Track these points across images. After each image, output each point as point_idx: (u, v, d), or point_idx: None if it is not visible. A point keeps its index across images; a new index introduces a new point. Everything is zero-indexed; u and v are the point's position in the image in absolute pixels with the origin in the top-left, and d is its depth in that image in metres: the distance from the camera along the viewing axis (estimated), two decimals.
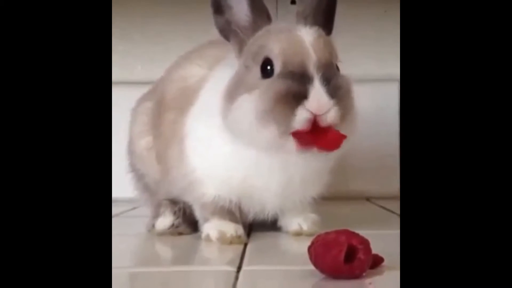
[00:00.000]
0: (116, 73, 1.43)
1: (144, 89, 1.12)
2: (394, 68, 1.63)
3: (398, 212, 1.24)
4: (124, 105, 1.11)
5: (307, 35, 0.82)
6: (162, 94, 1.01)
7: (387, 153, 1.55)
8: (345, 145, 0.82)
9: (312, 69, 0.79)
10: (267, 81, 0.81)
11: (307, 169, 0.87)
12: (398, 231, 0.92)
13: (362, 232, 0.67)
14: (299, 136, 0.79)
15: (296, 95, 0.78)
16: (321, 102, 0.78)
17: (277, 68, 0.81)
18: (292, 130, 0.79)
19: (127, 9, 1.56)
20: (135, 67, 1.58)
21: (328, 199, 0.97)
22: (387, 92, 1.58)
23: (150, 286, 0.67)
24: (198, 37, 1.05)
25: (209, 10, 0.87)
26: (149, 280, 0.69)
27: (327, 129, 0.79)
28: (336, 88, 0.79)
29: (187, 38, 1.44)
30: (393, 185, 1.57)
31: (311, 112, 0.77)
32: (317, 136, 0.79)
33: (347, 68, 0.86)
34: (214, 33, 0.89)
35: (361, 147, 1.46)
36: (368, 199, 1.51)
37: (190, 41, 1.10)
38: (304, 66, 0.79)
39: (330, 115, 0.78)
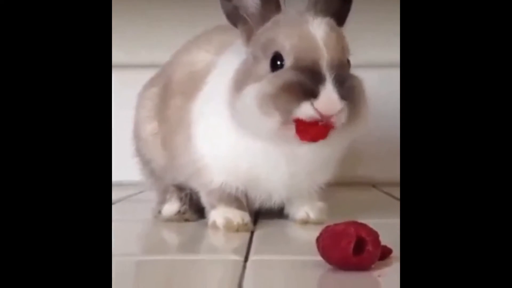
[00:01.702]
0: (120, 57, 1.42)
1: (148, 73, 1.11)
2: (397, 54, 1.60)
3: None
4: (128, 88, 1.10)
5: (319, 29, 0.79)
6: (168, 79, 1.00)
7: (393, 139, 1.54)
8: (352, 133, 0.81)
9: (325, 69, 0.77)
10: (276, 72, 0.79)
11: (313, 160, 0.86)
12: None
13: (369, 221, 0.67)
14: (301, 127, 0.77)
15: (305, 90, 0.76)
16: (331, 103, 0.75)
17: (288, 63, 0.79)
18: (294, 117, 0.76)
19: None
20: (139, 50, 1.57)
21: (334, 185, 0.96)
22: (393, 77, 1.56)
23: (155, 276, 0.66)
24: (204, 22, 1.03)
25: None
26: (154, 269, 0.68)
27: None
28: (350, 89, 0.77)
29: (191, 22, 1.42)
30: (398, 171, 1.56)
31: (318, 111, 0.75)
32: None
33: (352, 54, 0.84)
34: (221, 18, 0.87)
35: (367, 133, 1.45)
36: (374, 185, 1.50)
37: (195, 25, 1.08)
38: (317, 65, 0.77)
39: (341, 116, 0.76)
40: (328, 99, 0.75)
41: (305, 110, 0.76)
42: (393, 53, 1.54)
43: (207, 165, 0.90)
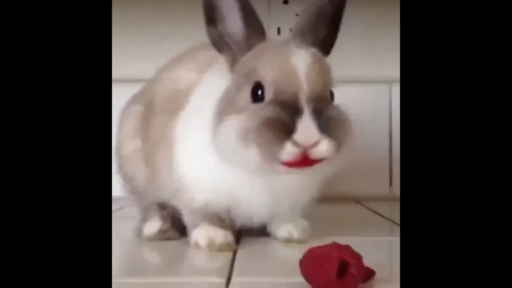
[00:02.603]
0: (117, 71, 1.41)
1: (138, 87, 1.10)
2: (386, 70, 1.63)
3: (388, 216, 1.23)
4: (118, 103, 1.10)
5: (302, 61, 0.79)
6: (151, 96, 0.99)
7: (377, 155, 1.55)
8: (338, 163, 0.81)
9: (304, 102, 0.76)
10: (256, 106, 0.79)
11: (295, 186, 0.86)
12: (389, 238, 0.91)
13: (352, 239, 0.66)
14: (289, 165, 0.77)
15: (284, 127, 0.75)
16: (309, 133, 0.75)
17: (268, 95, 0.78)
18: (282, 161, 0.76)
19: (126, 7, 1.54)
20: (128, 64, 1.56)
21: (316, 201, 0.95)
22: (379, 94, 1.58)
23: None
24: (195, 36, 1.03)
25: None
26: None
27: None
28: (328, 120, 0.76)
29: (183, 36, 1.43)
30: (383, 187, 1.57)
31: (300, 144, 0.75)
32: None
33: (339, 69, 0.84)
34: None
35: (353, 150, 1.45)
36: (357, 201, 1.51)
37: (186, 40, 1.07)
38: (296, 99, 0.77)
39: (321, 147, 0.75)
40: (305, 130, 0.75)
41: (289, 151, 0.75)
42: (381, 69, 1.56)
43: (188, 184, 0.89)
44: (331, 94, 0.82)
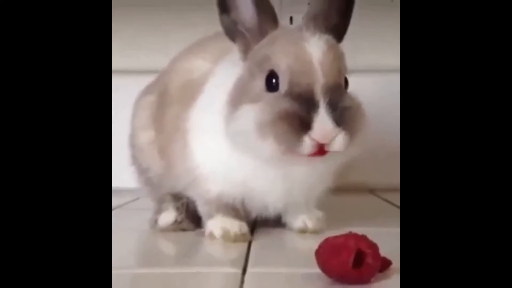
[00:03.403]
0: (119, 62, 1.41)
1: (147, 78, 1.10)
2: (396, 59, 1.60)
3: None
4: (125, 94, 1.09)
5: (316, 48, 0.79)
6: (165, 87, 0.99)
7: (390, 144, 1.53)
8: (352, 153, 0.81)
9: (319, 93, 0.76)
10: (272, 95, 0.78)
11: (309, 176, 0.86)
12: None
13: (367, 230, 0.66)
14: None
15: (300, 121, 0.75)
16: (326, 131, 0.75)
17: (283, 85, 0.78)
18: (301, 154, 0.76)
19: None
20: (137, 55, 1.56)
21: (330, 191, 0.95)
22: (390, 82, 1.56)
23: None
24: (203, 27, 1.02)
25: (214, 2, 0.85)
26: (150, 283, 0.67)
27: None
28: (343, 112, 0.77)
29: (191, 27, 1.42)
30: (396, 176, 1.56)
31: (316, 140, 0.75)
32: None
33: (350, 58, 0.83)
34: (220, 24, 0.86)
35: (366, 140, 1.44)
36: (371, 191, 1.50)
37: (194, 30, 1.07)
38: (311, 91, 0.76)
39: (337, 142, 0.76)
40: (322, 129, 0.75)
41: (307, 146, 0.76)
42: (392, 58, 1.54)
43: (203, 174, 0.89)
44: (346, 81, 0.82)
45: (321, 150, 0.76)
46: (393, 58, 1.54)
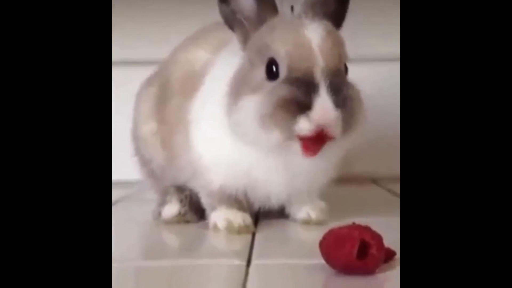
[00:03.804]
0: (119, 53, 1.40)
1: (147, 69, 1.10)
2: (398, 47, 1.59)
3: None
4: (127, 85, 1.09)
5: (315, 34, 0.78)
6: (166, 78, 0.99)
7: (392, 134, 1.53)
8: (352, 141, 0.80)
9: (319, 76, 0.76)
10: (272, 84, 0.78)
11: (311, 166, 0.85)
12: None
13: (370, 220, 0.66)
14: (305, 141, 0.77)
15: (300, 104, 0.75)
16: (326, 112, 0.74)
17: (283, 71, 0.78)
18: (297, 135, 0.76)
19: None
20: (137, 47, 1.55)
21: (333, 181, 0.94)
22: (393, 71, 1.55)
23: (156, 283, 0.65)
24: (204, 17, 1.02)
25: None
26: (154, 275, 0.67)
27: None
28: (345, 98, 0.76)
29: (191, 18, 1.41)
30: (399, 166, 1.55)
31: (316, 121, 0.74)
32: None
33: (350, 48, 0.83)
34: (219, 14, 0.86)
35: (366, 128, 1.44)
36: (374, 181, 1.49)
37: (194, 21, 1.07)
38: (311, 74, 0.76)
39: (335, 126, 0.75)
40: (323, 108, 0.74)
41: (303, 126, 0.75)
42: (393, 47, 1.53)
43: (206, 166, 0.89)
44: (345, 68, 0.82)
45: (319, 136, 0.76)
46: (395, 47, 1.53)
